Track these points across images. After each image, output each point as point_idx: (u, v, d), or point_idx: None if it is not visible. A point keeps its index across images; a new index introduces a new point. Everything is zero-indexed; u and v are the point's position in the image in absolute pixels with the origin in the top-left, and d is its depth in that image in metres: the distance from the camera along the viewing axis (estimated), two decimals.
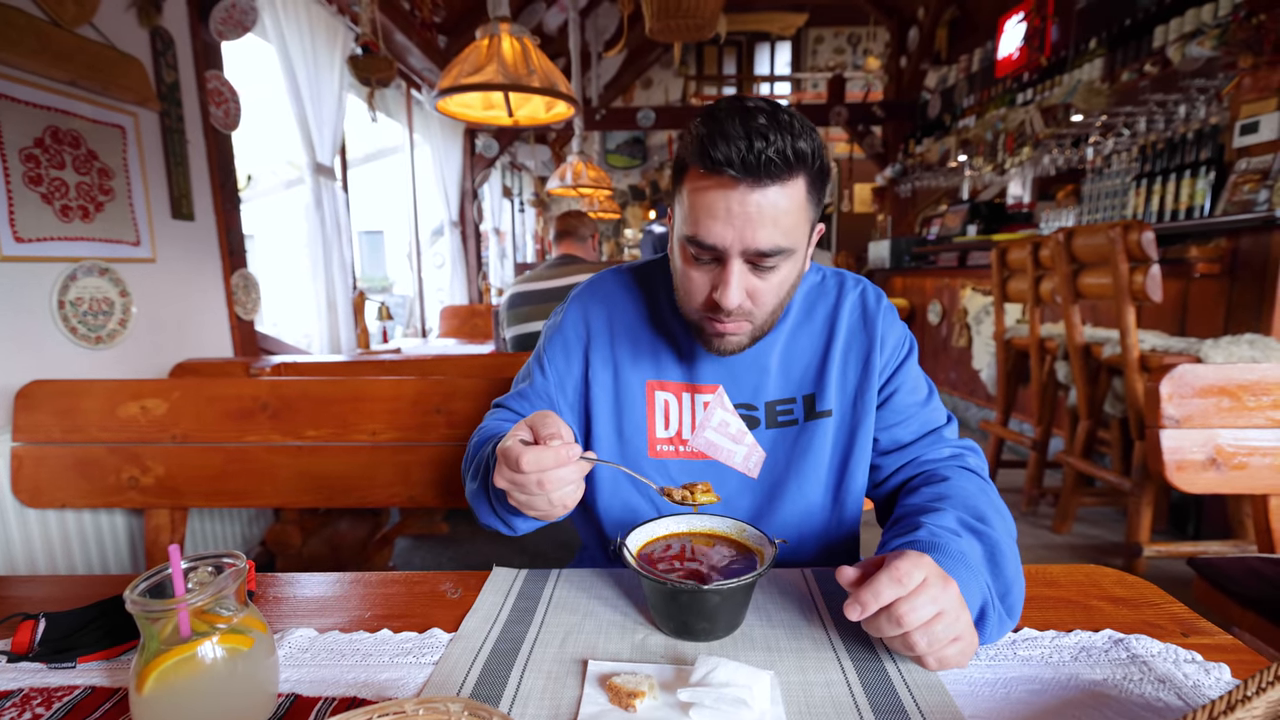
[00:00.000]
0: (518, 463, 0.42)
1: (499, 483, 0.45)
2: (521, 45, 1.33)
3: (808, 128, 0.47)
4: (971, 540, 0.45)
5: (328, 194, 2.21)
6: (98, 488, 0.94)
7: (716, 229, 0.48)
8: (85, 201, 1.26)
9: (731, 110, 0.47)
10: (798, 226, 0.49)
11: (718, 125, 0.46)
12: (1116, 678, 0.39)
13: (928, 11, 4.10)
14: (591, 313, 0.63)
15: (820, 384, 0.59)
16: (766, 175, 0.46)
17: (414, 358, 1.62)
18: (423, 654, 0.42)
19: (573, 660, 0.41)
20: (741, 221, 0.47)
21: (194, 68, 1.59)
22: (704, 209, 0.48)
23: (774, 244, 0.48)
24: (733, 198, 0.47)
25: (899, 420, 0.59)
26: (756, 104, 0.47)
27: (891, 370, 0.59)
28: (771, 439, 0.59)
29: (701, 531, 0.50)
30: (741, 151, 0.45)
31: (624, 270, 0.66)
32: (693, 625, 0.42)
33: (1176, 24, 2.18)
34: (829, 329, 0.60)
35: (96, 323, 1.29)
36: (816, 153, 0.47)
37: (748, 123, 0.45)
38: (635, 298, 0.63)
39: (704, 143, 0.46)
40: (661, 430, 0.60)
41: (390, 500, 0.94)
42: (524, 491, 0.43)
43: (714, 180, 0.47)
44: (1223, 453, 0.88)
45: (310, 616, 0.47)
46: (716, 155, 0.45)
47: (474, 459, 0.58)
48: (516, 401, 0.64)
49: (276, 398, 0.94)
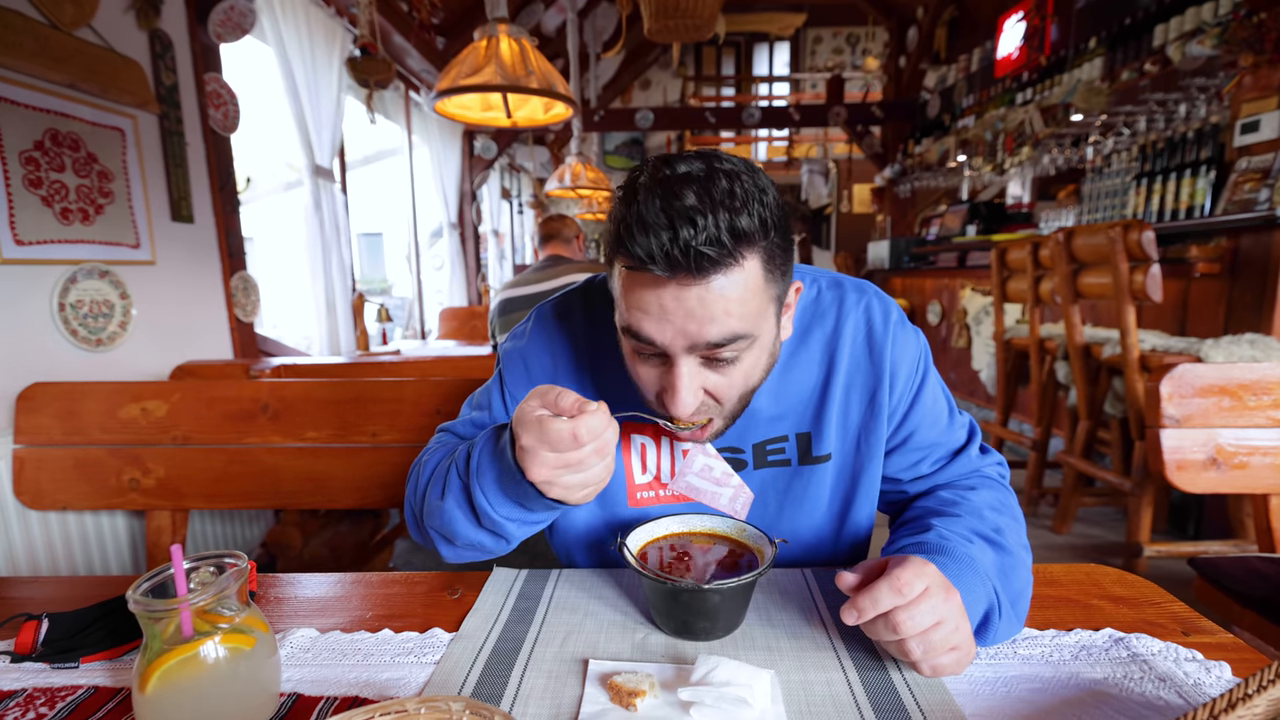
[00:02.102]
0: (575, 435, 0.36)
1: (543, 473, 0.38)
2: (520, 46, 1.33)
3: (753, 193, 0.39)
4: (983, 547, 0.44)
5: (326, 196, 2.21)
6: (99, 490, 0.94)
7: (651, 326, 0.40)
8: (85, 204, 1.26)
9: (652, 188, 0.38)
10: (757, 310, 0.41)
11: (636, 210, 0.38)
12: (1117, 676, 0.39)
13: (927, 11, 4.10)
14: (557, 342, 0.55)
15: (818, 423, 0.51)
16: (699, 270, 0.37)
17: (413, 359, 1.62)
18: (424, 654, 0.42)
19: (573, 659, 0.41)
20: (681, 318, 0.39)
21: (193, 70, 1.60)
22: (635, 304, 0.40)
23: (729, 333, 0.40)
24: (665, 295, 0.39)
25: (920, 458, 0.53)
26: (686, 172, 0.38)
27: (906, 408, 0.52)
28: (761, 480, 0.53)
29: (701, 531, 0.50)
30: (665, 244, 0.37)
31: (592, 289, 0.56)
32: (693, 624, 0.42)
33: (1176, 23, 2.18)
34: (828, 358, 0.51)
35: (97, 325, 1.29)
36: (769, 222, 0.39)
37: (670, 204, 0.37)
38: (605, 323, 0.54)
39: (621, 235, 0.39)
40: (640, 475, 0.54)
41: (391, 502, 0.95)
42: (581, 469, 0.38)
43: (639, 276, 0.39)
44: (1223, 452, 0.87)
45: (312, 617, 0.47)
46: (637, 250, 0.37)
47: (434, 476, 0.49)
48: (469, 430, 0.56)
49: (277, 399, 0.95)
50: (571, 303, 0.57)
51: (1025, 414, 2.57)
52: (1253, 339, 1.44)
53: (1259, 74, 1.79)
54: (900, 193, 4.46)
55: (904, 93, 4.41)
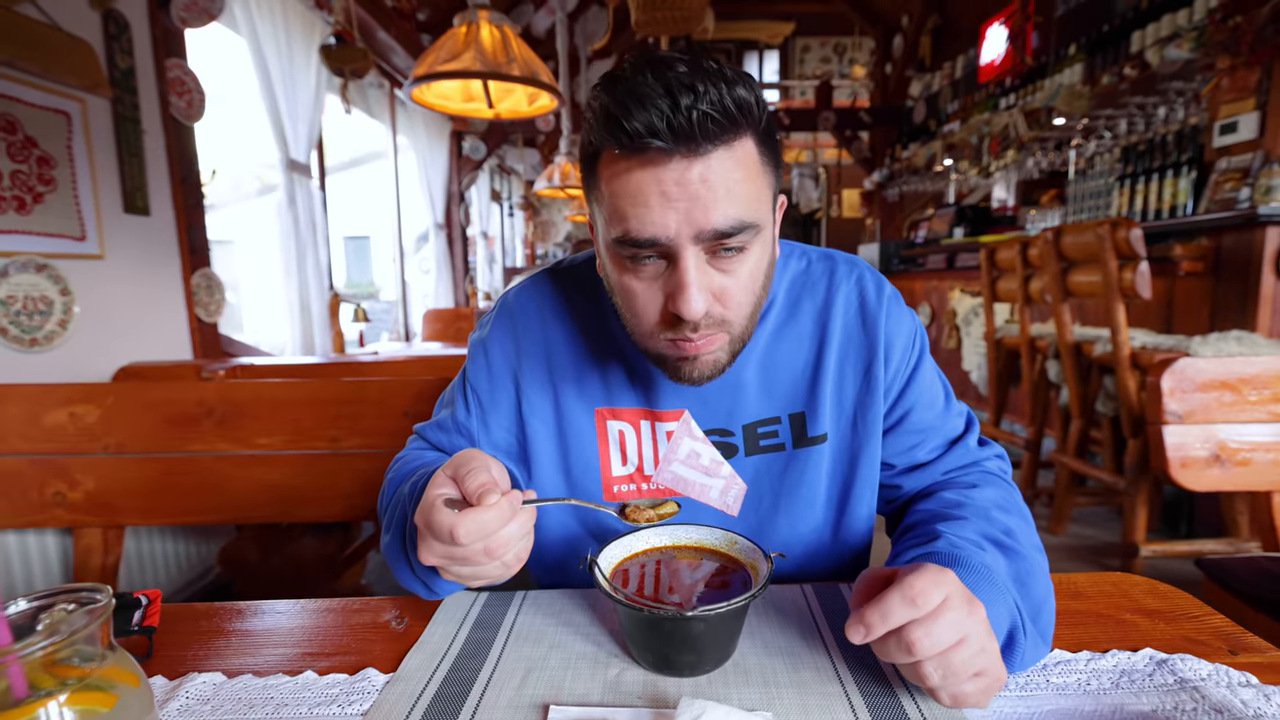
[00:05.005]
0: (453, 535, 0.33)
1: (430, 560, 0.35)
2: (501, 33, 1.27)
3: (743, 74, 0.37)
4: (996, 554, 0.39)
5: (302, 192, 2.12)
6: (17, 505, 0.85)
7: (653, 218, 0.36)
8: (21, 191, 1.16)
9: (641, 66, 0.36)
10: (758, 195, 0.38)
11: (628, 88, 0.35)
12: (1167, 708, 0.33)
13: (911, 20, 4.17)
14: (521, 326, 0.50)
15: (812, 401, 0.48)
16: (705, 138, 0.35)
17: (386, 360, 1.54)
18: (350, 702, 0.35)
19: (531, 705, 0.34)
20: (686, 203, 0.36)
21: (152, 55, 1.51)
22: (631, 198, 0.37)
23: (735, 219, 0.37)
24: (667, 176, 0.36)
25: (917, 442, 0.50)
26: (672, 54, 0.37)
27: (902, 384, 0.49)
28: (754, 468, 0.49)
29: (686, 545, 0.44)
30: (665, 113, 0.34)
31: (561, 271, 0.52)
32: (675, 658, 0.36)
33: (1153, 29, 2.22)
34: (820, 331, 0.48)
35: (32, 323, 1.19)
36: (760, 102, 0.37)
37: (666, 76, 0.35)
38: (575, 305, 0.50)
39: (613, 114, 0.35)
40: (618, 467, 0.50)
41: (352, 514, 0.86)
42: (468, 564, 0.35)
43: (638, 160, 0.36)
44: (1226, 449, 0.85)
45: (225, 656, 0.40)
46: (635, 125, 0.34)
47: (390, 504, 0.47)
48: (435, 433, 0.53)
49: (224, 402, 0.86)
50: (537, 285, 0.53)
51: (1017, 414, 2.56)
52: (1240, 336, 1.43)
53: (1236, 76, 1.81)
54: (888, 197, 4.50)
55: (890, 99, 4.46)
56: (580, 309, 0.50)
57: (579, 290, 0.51)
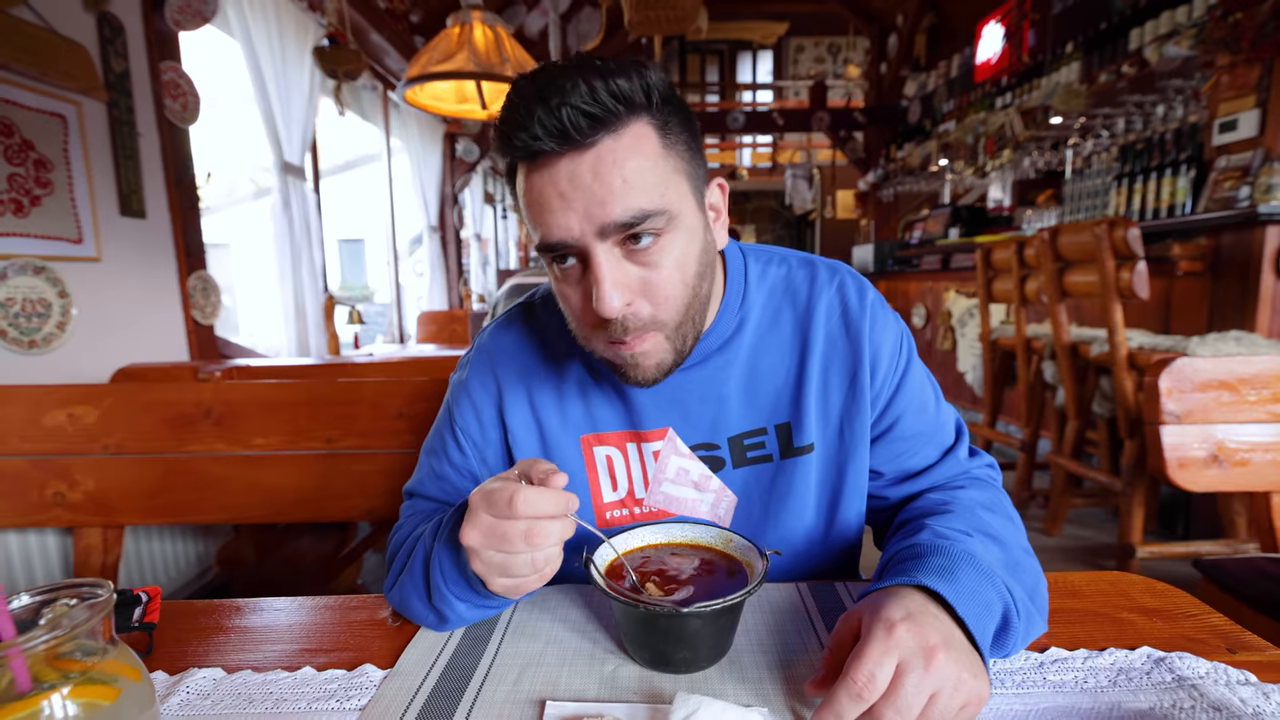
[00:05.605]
0: (511, 501, 0.33)
1: (470, 538, 0.35)
2: (494, 34, 1.28)
3: (631, 65, 0.37)
4: (984, 540, 0.39)
5: (296, 194, 2.12)
6: (18, 505, 0.85)
7: (557, 220, 0.37)
8: (19, 195, 1.16)
9: (522, 79, 0.37)
10: (663, 180, 0.37)
11: (509, 102, 0.37)
12: (1165, 705, 0.34)
13: (906, 19, 4.17)
14: (499, 364, 0.50)
15: (797, 412, 0.47)
16: (583, 131, 0.35)
17: (381, 361, 1.54)
18: (349, 697, 0.35)
19: (528, 700, 0.34)
20: (584, 201, 0.36)
21: (147, 58, 1.51)
22: (537, 205, 0.38)
23: (635, 209, 0.36)
24: (561, 177, 0.36)
25: (906, 450, 0.49)
26: (554, 63, 0.37)
27: (891, 392, 0.48)
28: (742, 480, 0.49)
29: (682, 543, 0.44)
30: (538, 115, 0.35)
31: (532, 305, 0.52)
32: (671, 654, 0.36)
33: (1152, 26, 2.22)
34: (801, 340, 0.47)
35: (30, 325, 1.18)
36: (654, 90, 0.37)
37: (538, 81, 0.36)
38: (549, 337, 0.50)
39: (500, 129, 0.37)
40: (609, 493, 0.49)
41: (346, 514, 0.86)
42: (505, 546, 0.34)
43: (534, 166, 0.37)
44: (1224, 449, 0.84)
45: (224, 652, 0.40)
46: (520, 136, 0.36)
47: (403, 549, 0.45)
48: (432, 486, 0.51)
49: (221, 403, 0.86)
50: (510, 322, 0.53)
51: (1012, 415, 2.57)
52: (1239, 336, 1.43)
53: (1236, 73, 1.81)
54: (883, 197, 4.50)
55: (885, 99, 4.46)
56: (554, 340, 0.50)
57: (551, 321, 0.50)
